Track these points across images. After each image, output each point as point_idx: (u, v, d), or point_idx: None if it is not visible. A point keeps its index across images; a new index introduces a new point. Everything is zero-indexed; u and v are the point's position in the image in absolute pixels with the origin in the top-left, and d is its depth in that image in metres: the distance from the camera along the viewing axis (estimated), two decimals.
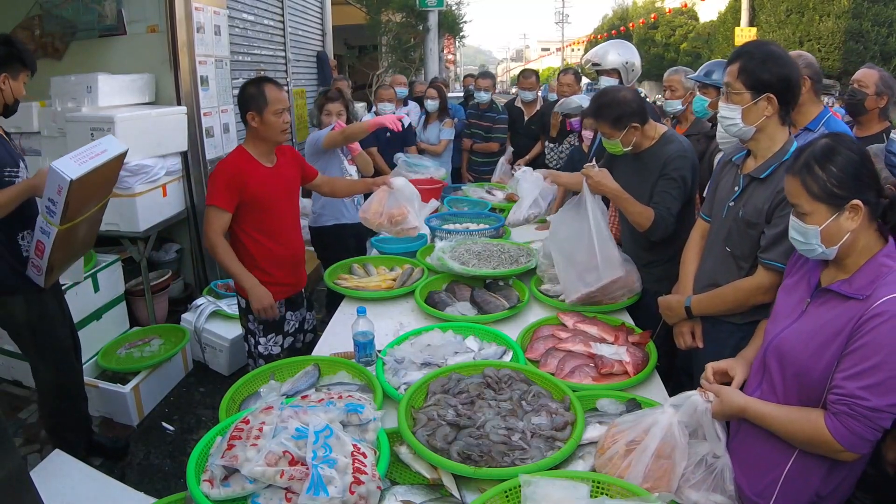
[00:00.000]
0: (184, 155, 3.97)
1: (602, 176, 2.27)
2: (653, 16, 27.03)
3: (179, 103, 3.96)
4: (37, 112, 3.63)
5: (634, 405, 1.62)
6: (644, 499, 1.20)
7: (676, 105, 3.13)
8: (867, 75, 2.75)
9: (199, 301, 3.70)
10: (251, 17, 5.29)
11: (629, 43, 3.73)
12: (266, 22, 5.62)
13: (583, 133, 3.56)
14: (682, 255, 2.10)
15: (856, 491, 1.40)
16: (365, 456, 1.30)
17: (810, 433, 1.26)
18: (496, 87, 6.72)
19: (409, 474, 1.47)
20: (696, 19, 29.16)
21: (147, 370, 3.18)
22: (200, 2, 4.02)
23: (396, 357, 1.87)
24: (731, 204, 1.82)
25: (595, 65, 3.47)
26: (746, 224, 1.75)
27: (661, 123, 2.45)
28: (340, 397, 1.50)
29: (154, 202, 3.64)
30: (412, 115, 5.16)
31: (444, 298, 2.41)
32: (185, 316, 3.66)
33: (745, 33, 16.07)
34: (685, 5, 22.72)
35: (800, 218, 1.33)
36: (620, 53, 3.42)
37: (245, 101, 2.35)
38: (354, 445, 1.32)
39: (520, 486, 1.23)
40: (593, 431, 1.50)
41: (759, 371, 1.45)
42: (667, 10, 27.81)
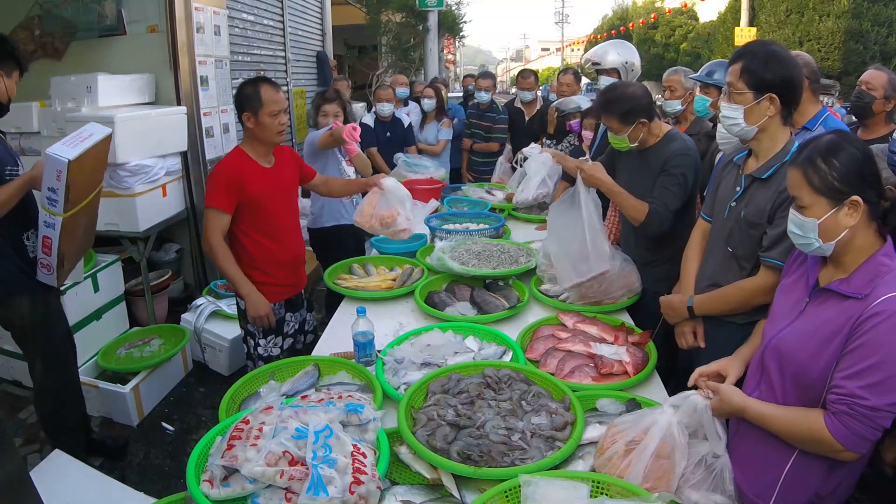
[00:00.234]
0: (184, 155, 3.97)
1: (595, 169, 2.29)
2: (653, 16, 27.03)
3: (179, 103, 3.96)
4: (37, 112, 3.63)
5: (634, 405, 1.62)
6: (644, 499, 1.20)
7: (676, 105, 3.13)
8: (876, 77, 2.68)
9: (199, 301, 3.70)
10: (251, 17, 5.28)
11: (629, 43, 3.73)
12: (266, 22, 5.61)
13: (582, 133, 3.56)
14: (684, 255, 2.09)
15: (854, 492, 1.40)
16: (365, 456, 1.30)
17: (810, 433, 1.26)
18: (496, 87, 6.72)
19: (409, 474, 1.47)
20: (696, 19, 29.15)
21: (147, 370, 3.18)
22: (200, 2, 4.02)
23: (396, 357, 1.87)
24: (733, 204, 1.82)
25: (595, 64, 3.47)
26: (748, 224, 1.75)
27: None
28: (340, 397, 1.50)
29: (154, 202, 3.64)
30: (412, 115, 5.16)
31: (444, 298, 2.41)
32: (185, 316, 3.66)
33: (744, 33, 16.06)
34: (685, 5, 22.70)
35: (799, 211, 1.33)
36: (620, 53, 3.42)
37: (241, 102, 2.33)
38: (354, 445, 1.32)
39: (520, 486, 1.23)
40: (593, 431, 1.50)
41: (758, 371, 1.45)
42: (667, 10, 27.81)
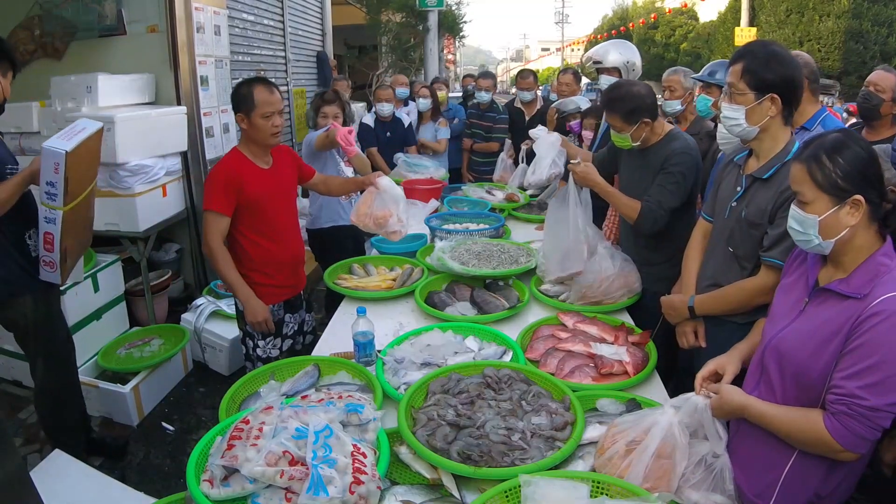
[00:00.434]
0: (184, 155, 3.97)
1: (587, 171, 2.33)
2: (653, 16, 27.05)
3: (179, 103, 3.96)
4: (37, 112, 3.63)
5: (634, 405, 1.62)
6: (644, 499, 1.20)
7: (675, 105, 3.13)
8: (885, 79, 2.64)
9: (199, 301, 3.70)
10: (251, 17, 5.28)
11: (630, 43, 3.72)
12: (266, 22, 5.61)
13: (582, 133, 3.56)
14: (685, 255, 2.09)
15: (853, 492, 1.40)
16: (365, 456, 1.30)
17: (809, 433, 1.25)
18: (496, 87, 6.72)
19: (409, 474, 1.47)
20: (696, 19, 29.17)
21: (147, 370, 3.18)
22: (200, 2, 4.02)
23: (396, 357, 1.87)
24: (734, 204, 1.82)
25: (596, 63, 3.46)
26: (749, 224, 1.75)
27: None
28: (340, 397, 1.50)
29: (154, 202, 3.64)
30: (412, 115, 5.16)
31: (444, 298, 2.41)
32: (185, 316, 3.66)
33: (745, 33, 16.07)
34: (685, 5, 22.71)
35: (800, 207, 1.33)
36: (622, 52, 3.42)
37: (236, 103, 2.32)
38: (354, 445, 1.32)
39: (520, 486, 1.23)
40: (593, 431, 1.50)
41: (758, 371, 1.45)
42: (667, 10, 27.83)
